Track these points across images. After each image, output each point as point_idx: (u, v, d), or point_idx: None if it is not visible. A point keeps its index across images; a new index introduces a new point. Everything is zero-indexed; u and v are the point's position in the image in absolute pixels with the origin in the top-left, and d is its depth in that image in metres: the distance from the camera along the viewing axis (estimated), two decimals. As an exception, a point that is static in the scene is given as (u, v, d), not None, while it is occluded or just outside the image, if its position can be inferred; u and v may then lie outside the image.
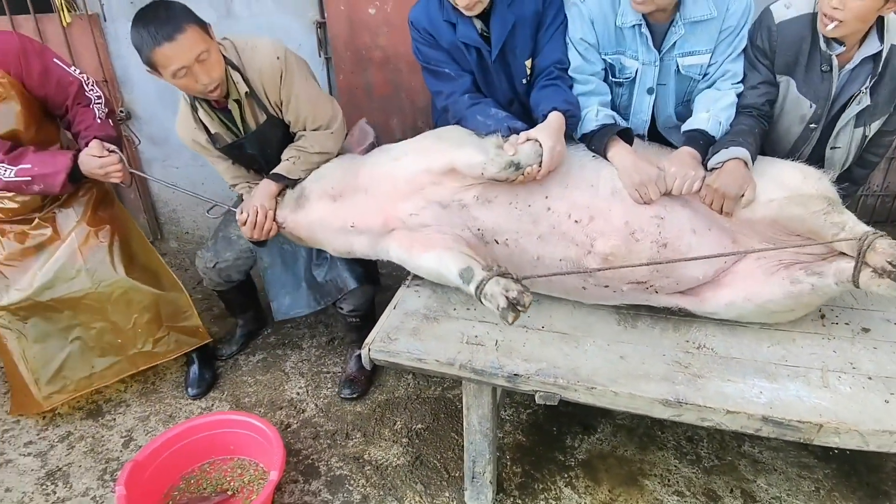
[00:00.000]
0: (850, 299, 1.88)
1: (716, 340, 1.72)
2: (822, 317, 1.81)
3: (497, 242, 1.79)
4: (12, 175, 1.95)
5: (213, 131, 2.01)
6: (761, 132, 1.81)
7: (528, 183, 1.74)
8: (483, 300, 1.53)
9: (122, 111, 3.09)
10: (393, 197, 1.84)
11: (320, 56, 2.98)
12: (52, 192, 2.07)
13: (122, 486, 1.80)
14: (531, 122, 1.85)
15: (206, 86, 1.79)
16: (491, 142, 1.73)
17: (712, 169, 1.68)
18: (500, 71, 1.93)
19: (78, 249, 2.19)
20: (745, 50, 1.84)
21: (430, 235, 1.80)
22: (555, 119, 1.75)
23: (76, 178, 2.03)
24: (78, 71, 2.06)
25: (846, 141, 1.87)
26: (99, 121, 2.06)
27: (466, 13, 1.76)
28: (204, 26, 1.79)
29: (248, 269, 2.45)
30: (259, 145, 2.06)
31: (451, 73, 1.90)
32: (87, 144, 2.01)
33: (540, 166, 1.67)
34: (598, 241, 1.70)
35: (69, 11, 2.87)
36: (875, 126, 1.85)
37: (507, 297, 1.46)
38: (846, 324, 1.79)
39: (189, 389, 2.45)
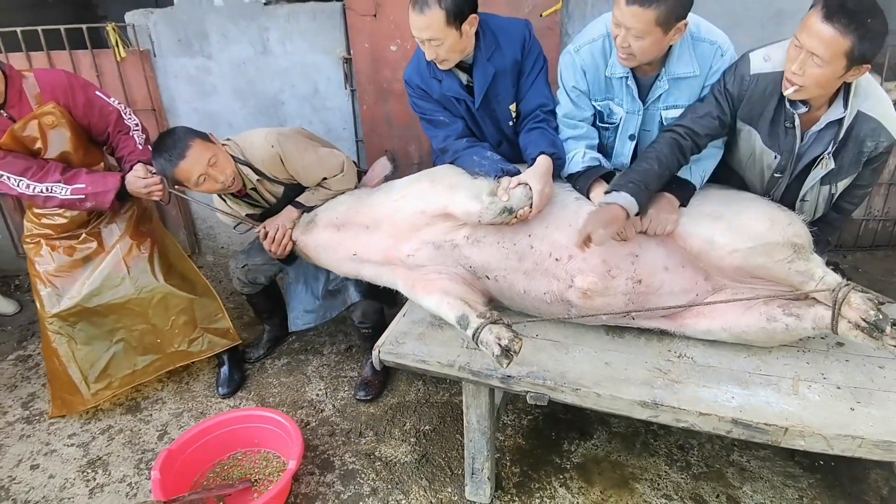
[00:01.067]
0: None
1: (696, 351, 1.85)
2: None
3: (488, 278, 1.95)
4: (68, 193, 2.22)
5: (244, 213, 2.35)
6: (671, 164, 1.79)
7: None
8: (480, 346, 1.71)
9: (167, 136, 3.40)
10: (393, 236, 2.03)
11: (346, 88, 3.24)
12: (102, 209, 2.34)
13: (157, 471, 2.00)
14: (520, 158, 2.02)
15: (224, 183, 2.10)
16: (484, 187, 1.86)
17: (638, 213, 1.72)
18: (486, 116, 2.10)
19: (122, 260, 2.46)
20: (713, 85, 1.86)
21: (429, 276, 1.97)
22: (543, 162, 1.89)
23: (123, 196, 2.31)
24: (117, 101, 2.34)
25: (813, 197, 1.90)
26: (140, 147, 2.34)
27: (441, 68, 1.95)
28: (205, 137, 2.10)
29: (273, 275, 2.68)
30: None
31: (445, 119, 2.09)
32: (131, 168, 2.28)
33: (531, 208, 1.81)
34: (578, 277, 1.82)
35: (123, 48, 3.19)
36: (842, 184, 1.85)
37: (500, 345, 1.63)
38: (822, 338, 1.89)
39: (219, 389, 2.67)
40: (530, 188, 1.81)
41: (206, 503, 2.06)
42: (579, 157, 1.95)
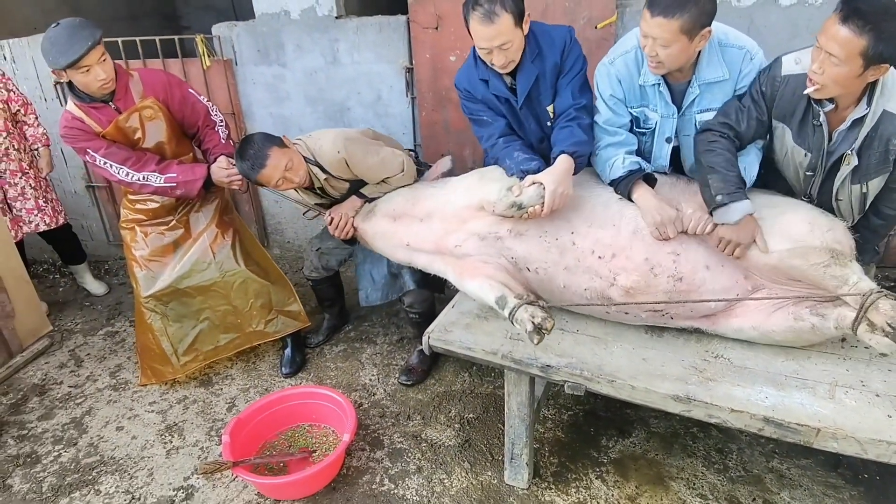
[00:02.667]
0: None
1: (734, 352, 1.90)
2: (843, 340, 1.92)
3: (529, 270, 2.06)
4: (161, 182, 2.51)
5: (312, 203, 2.59)
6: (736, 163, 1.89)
7: (555, 219, 1.98)
8: (515, 323, 1.83)
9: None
10: (443, 227, 2.19)
11: (407, 96, 3.43)
12: (190, 196, 2.63)
13: (227, 435, 2.23)
14: None
15: (299, 182, 2.35)
16: (505, 183, 2.01)
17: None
18: (529, 115, 2.22)
19: (209, 247, 2.75)
20: (749, 86, 1.92)
21: (475, 264, 2.10)
22: (561, 162, 1.96)
23: (208, 185, 2.58)
24: (205, 99, 2.65)
25: (846, 196, 1.92)
26: (223, 141, 2.64)
27: (502, 72, 2.08)
28: (280, 142, 2.31)
29: (343, 259, 2.89)
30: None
31: (488, 119, 2.22)
32: (215, 160, 2.57)
33: (543, 207, 1.91)
34: (621, 275, 1.90)
35: (209, 57, 3.51)
36: (873, 184, 1.86)
37: (533, 323, 1.75)
38: (865, 348, 1.89)
39: (283, 369, 2.90)
40: (544, 187, 1.91)
41: (269, 466, 2.28)
42: (619, 162, 2.02)
